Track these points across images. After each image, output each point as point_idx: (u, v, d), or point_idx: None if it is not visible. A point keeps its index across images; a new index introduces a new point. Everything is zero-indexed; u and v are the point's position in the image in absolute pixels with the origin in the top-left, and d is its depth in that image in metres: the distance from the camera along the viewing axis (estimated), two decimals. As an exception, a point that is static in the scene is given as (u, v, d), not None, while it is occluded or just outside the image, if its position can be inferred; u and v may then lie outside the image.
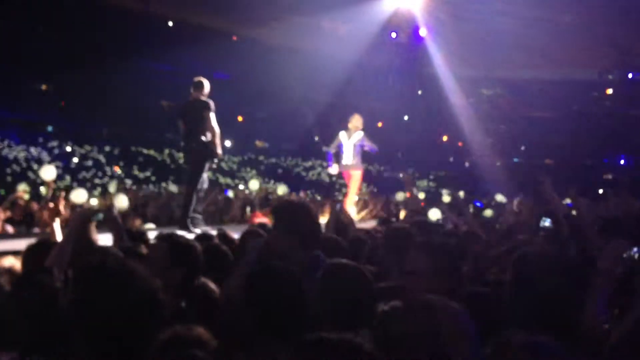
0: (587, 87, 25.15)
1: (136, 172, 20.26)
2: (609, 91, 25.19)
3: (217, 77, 23.65)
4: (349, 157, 9.29)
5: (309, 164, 25.53)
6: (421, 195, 20.31)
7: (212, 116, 7.28)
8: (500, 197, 17.88)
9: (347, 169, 9.34)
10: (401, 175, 17.81)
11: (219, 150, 7.26)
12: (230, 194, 15.57)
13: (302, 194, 17.43)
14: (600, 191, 21.75)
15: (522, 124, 24.18)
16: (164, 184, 18.53)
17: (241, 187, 17.05)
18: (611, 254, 3.08)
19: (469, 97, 23.57)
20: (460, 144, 25.09)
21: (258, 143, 25.98)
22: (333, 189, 21.00)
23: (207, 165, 7.26)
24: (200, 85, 7.39)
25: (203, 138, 7.12)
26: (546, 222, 3.81)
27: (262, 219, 7.09)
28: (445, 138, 25.89)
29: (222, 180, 22.19)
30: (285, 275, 2.03)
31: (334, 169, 9.48)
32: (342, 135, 9.51)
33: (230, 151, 23.74)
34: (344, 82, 21.68)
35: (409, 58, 21.09)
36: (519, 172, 21.10)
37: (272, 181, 23.44)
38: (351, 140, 9.35)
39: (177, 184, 19.96)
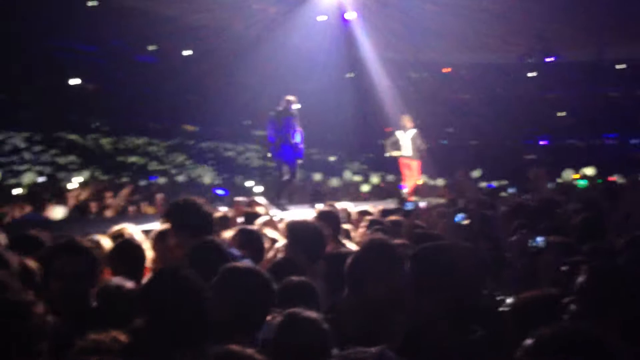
0: (509, 71, 26.03)
1: (58, 158, 19.52)
2: (530, 74, 26.16)
3: (141, 59, 23.06)
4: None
5: (240, 148, 25.31)
6: (356, 178, 20.62)
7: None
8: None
9: None
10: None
11: None
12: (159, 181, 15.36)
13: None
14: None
15: (448, 107, 24.77)
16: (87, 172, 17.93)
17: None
18: (516, 246, 3.26)
19: (397, 81, 23.91)
20: (387, 129, 25.44)
21: (188, 127, 25.50)
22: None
23: None
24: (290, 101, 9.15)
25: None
26: (461, 219, 3.91)
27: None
28: (381, 125, 26.17)
29: (150, 165, 21.73)
30: (181, 283, 2.00)
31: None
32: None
33: (158, 135, 23.25)
34: (273, 63, 21.55)
35: (336, 41, 21.17)
36: (446, 154, 21.69)
37: (201, 165, 23.15)
38: None
39: (103, 171, 19.42)
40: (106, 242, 3.72)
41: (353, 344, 2.17)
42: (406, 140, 10.89)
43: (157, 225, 4.02)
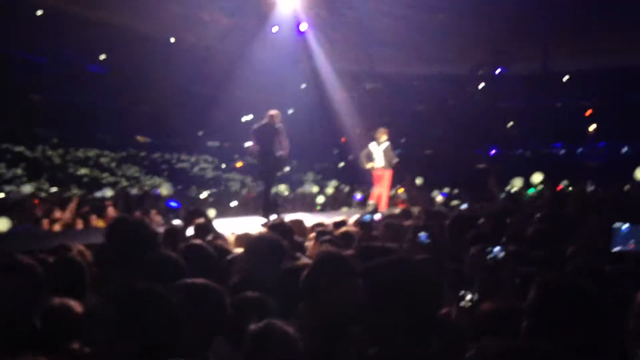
0: (461, 82, 26.56)
1: (3, 170, 18.88)
2: (480, 86, 26.76)
3: (92, 69, 22.58)
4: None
5: (193, 158, 25.03)
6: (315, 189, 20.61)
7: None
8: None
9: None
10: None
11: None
12: (108, 193, 15.01)
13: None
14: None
15: (402, 117, 25.06)
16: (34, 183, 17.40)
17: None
18: (474, 261, 3.28)
19: (351, 92, 24.09)
20: (343, 139, 25.62)
21: (139, 138, 25.07)
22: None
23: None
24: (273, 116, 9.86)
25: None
26: (423, 237, 3.90)
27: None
28: (340, 137, 26.28)
29: (101, 177, 21.26)
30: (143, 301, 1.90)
31: None
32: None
33: (109, 146, 22.79)
34: (227, 74, 21.43)
35: (290, 52, 21.22)
36: (400, 163, 21.86)
37: (154, 177, 22.77)
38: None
39: (52, 182, 18.89)
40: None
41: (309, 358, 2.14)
42: (379, 152, 11.51)
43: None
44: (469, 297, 2.55)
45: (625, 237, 2.24)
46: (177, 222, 5.91)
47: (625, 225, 2.16)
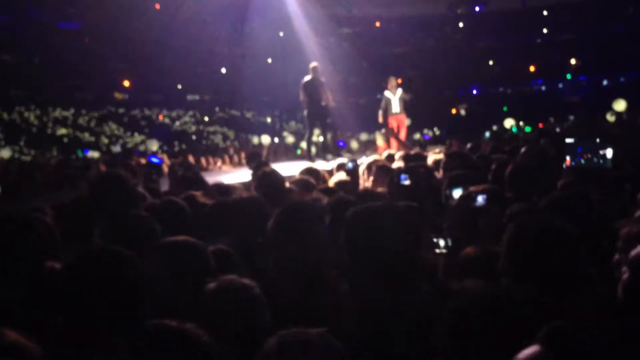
0: (439, 23, 26.25)
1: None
2: (460, 25, 26.47)
3: (64, 26, 21.99)
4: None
5: (174, 113, 24.77)
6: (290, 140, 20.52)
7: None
8: (364, 136, 18.52)
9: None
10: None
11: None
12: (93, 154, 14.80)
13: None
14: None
15: (383, 61, 24.82)
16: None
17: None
18: (458, 208, 3.29)
19: (330, 37, 23.74)
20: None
21: (117, 95, 24.68)
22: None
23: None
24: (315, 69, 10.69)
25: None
26: (405, 181, 3.90)
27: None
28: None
29: (82, 137, 21.02)
30: (112, 262, 1.88)
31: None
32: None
33: (87, 105, 22.46)
34: (201, 25, 20.99)
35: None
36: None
37: (135, 134, 22.55)
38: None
39: (31, 145, 18.65)
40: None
41: (287, 310, 2.16)
42: (395, 100, 12.35)
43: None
44: (442, 243, 2.58)
45: (576, 150, 2.29)
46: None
47: (572, 140, 2.20)
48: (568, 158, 2.28)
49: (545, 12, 26.11)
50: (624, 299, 1.90)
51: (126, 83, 23.58)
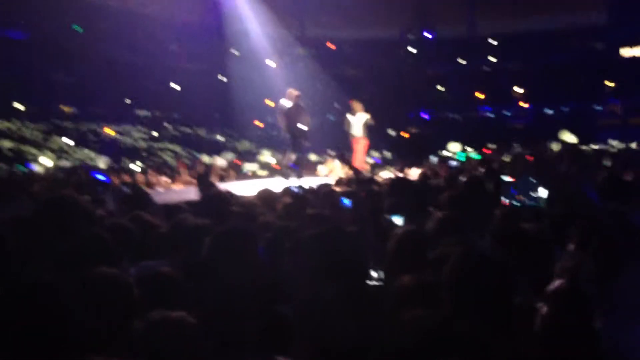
0: (392, 47, 26.77)
1: None
2: (412, 50, 27.05)
3: (11, 35, 21.40)
4: None
5: (122, 128, 24.28)
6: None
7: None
8: (314, 157, 18.60)
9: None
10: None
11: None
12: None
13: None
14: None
15: (335, 83, 25.07)
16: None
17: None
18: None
19: (284, 57, 23.88)
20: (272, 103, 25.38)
21: (65, 108, 24.05)
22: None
23: None
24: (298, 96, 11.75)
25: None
26: (396, 219, 3.93)
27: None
28: (270, 103, 25.93)
29: (25, 149, 20.36)
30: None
31: None
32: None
33: (30, 117, 21.79)
34: (153, 41, 20.82)
35: (219, 16, 20.77)
36: (333, 129, 21.99)
37: (83, 148, 22.01)
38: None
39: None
40: None
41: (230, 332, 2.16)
42: (357, 123, 12.90)
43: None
44: (375, 275, 2.62)
45: (512, 190, 2.36)
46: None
47: (509, 179, 2.27)
48: (503, 198, 2.36)
49: (492, 41, 26.96)
50: (542, 333, 1.96)
51: (73, 96, 23.05)
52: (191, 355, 1.94)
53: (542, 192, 2.25)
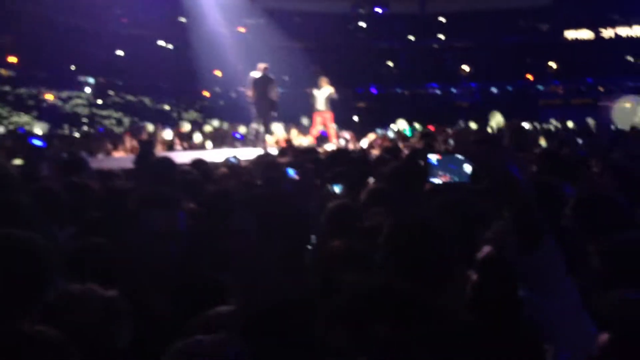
0: (343, 20, 26.68)
1: None
2: (362, 24, 27.04)
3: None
4: None
5: (64, 94, 23.48)
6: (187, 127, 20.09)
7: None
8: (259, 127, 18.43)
9: None
10: None
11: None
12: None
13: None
14: (355, 118, 23.67)
15: (284, 55, 24.84)
16: None
17: None
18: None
19: (232, 27, 23.49)
20: (219, 73, 25.01)
21: (2, 71, 23.04)
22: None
23: None
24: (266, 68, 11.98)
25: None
26: (336, 188, 3.90)
27: None
28: (218, 73, 25.49)
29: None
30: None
31: None
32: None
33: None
34: (102, 6, 20.14)
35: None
36: (283, 101, 21.83)
37: (21, 114, 21.24)
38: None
39: None
40: None
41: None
42: (321, 97, 13.44)
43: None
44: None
45: (436, 168, 2.40)
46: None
47: (435, 157, 2.31)
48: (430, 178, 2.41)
49: (442, 19, 27.21)
50: (471, 300, 2.01)
51: (12, 59, 22.11)
52: (114, 333, 1.84)
53: (467, 168, 2.31)
